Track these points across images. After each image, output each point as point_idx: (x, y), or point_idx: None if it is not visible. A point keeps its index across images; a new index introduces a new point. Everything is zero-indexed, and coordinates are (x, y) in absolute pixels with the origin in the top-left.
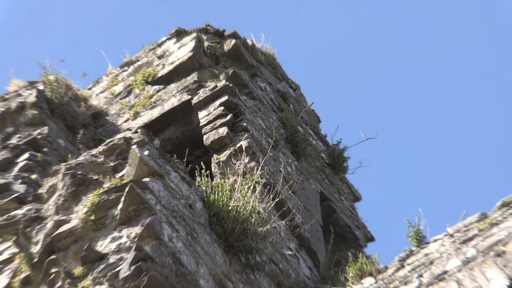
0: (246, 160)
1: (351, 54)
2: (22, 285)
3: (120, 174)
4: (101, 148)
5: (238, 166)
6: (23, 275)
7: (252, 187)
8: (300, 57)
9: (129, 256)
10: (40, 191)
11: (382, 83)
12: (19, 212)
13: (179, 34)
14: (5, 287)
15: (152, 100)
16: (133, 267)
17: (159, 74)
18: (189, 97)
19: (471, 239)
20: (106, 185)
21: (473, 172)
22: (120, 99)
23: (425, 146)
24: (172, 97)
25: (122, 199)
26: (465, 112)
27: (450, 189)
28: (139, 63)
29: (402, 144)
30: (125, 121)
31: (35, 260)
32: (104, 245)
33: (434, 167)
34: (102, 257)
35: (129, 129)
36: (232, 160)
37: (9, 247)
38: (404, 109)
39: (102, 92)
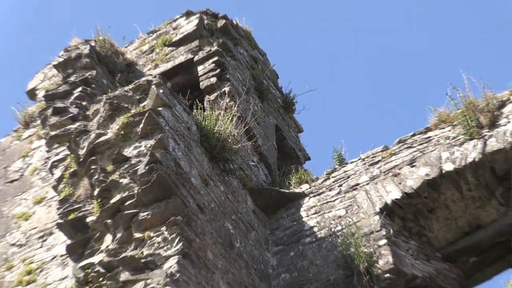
0: (227, 100)
1: (306, 27)
2: (71, 176)
3: (143, 104)
4: (131, 86)
5: (222, 103)
6: (71, 170)
7: (230, 118)
8: (268, 32)
9: (145, 159)
10: (87, 113)
11: (325, 51)
12: (72, 126)
13: (188, 14)
14: (59, 177)
15: (167, 57)
16: (147, 167)
17: (173, 40)
18: (192, 56)
19: (376, 163)
20: (133, 111)
21: (380, 115)
22: (146, 55)
23: (350, 96)
24: (180, 56)
25: (143, 121)
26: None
27: (363, 127)
28: (160, 32)
29: (337, 94)
30: (148, 70)
31: (81, 159)
32: (128, 151)
33: (353, 111)
34: (127, 159)
35: (150, 75)
36: (218, 99)
37: (63, 150)
38: (338, 68)
39: (134, 50)
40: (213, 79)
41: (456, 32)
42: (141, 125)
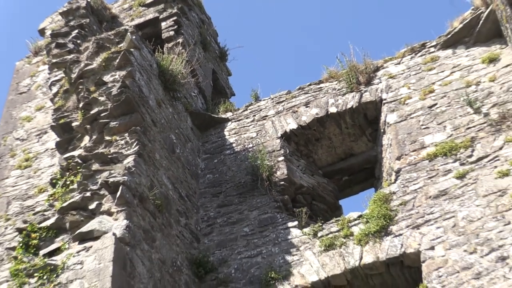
0: (180, 48)
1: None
2: (64, 92)
3: (120, 45)
4: (113, 32)
5: (176, 50)
6: (65, 88)
7: (181, 61)
8: (214, 2)
9: (118, 84)
10: (80, 48)
11: (252, 16)
12: (68, 57)
13: None
14: (55, 93)
15: (141, 14)
16: (119, 90)
17: (146, 2)
18: (158, 15)
19: (281, 102)
20: (112, 50)
21: (287, 68)
22: (126, 11)
23: (268, 51)
24: (150, 14)
25: (119, 57)
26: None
27: (274, 75)
28: None
29: (258, 50)
30: (126, 22)
31: (72, 81)
32: (107, 78)
33: (269, 63)
34: (105, 83)
35: (127, 25)
36: (174, 47)
37: (60, 73)
38: (259, 30)
39: (118, 6)
40: (172, 33)
41: (348, 10)
42: (117, 60)
